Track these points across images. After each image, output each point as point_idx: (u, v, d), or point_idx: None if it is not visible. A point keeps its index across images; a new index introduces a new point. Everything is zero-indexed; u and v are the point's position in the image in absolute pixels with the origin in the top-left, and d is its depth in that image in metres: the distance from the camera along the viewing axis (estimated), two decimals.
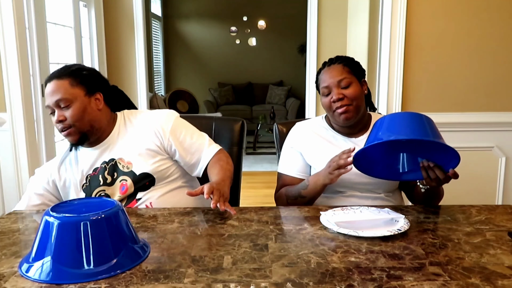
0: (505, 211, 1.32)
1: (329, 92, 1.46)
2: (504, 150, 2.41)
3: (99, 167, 1.44)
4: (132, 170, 1.42)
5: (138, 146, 1.44)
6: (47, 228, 0.93)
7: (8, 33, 2.41)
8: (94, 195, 1.42)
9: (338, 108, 1.44)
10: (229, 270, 0.93)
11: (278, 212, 1.32)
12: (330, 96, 1.46)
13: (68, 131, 1.38)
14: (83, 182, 1.45)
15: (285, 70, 8.16)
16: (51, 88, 1.36)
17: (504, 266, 0.95)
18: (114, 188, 1.43)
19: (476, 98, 2.37)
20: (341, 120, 1.46)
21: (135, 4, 4.21)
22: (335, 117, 1.48)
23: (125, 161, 1.43)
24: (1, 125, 2.50)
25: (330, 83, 1.45)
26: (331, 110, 1.47)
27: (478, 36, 2.33)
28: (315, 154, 1.52)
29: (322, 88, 1.48)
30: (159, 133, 1.45)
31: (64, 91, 1.35)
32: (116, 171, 1.43)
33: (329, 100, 1.46)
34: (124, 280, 0.90)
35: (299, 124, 1.62)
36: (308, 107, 4.21)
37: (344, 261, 0.98)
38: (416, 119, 1.23)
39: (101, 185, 1.43)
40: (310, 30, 4.09)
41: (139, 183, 1.42)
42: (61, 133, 1.40)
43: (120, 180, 1.43)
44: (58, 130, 1.40)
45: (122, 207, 1.01)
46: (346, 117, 1.45)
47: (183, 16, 8.16)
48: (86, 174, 1.45)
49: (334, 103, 1.44)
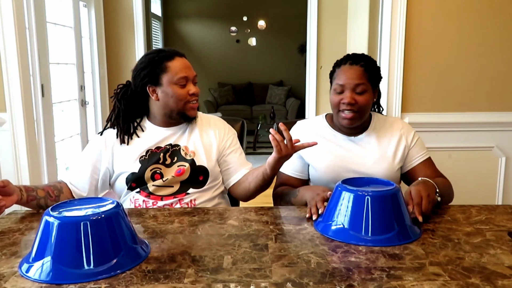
0: (505, 211, 1.32)
1: (342, 91, 1.45)
2: (504, 150, 2.41)
3: (163, 147, 1.50)
4: (194, 159, 1.49)
5: (205, 141, 1.53)
6: (47, 228, 0.93)
7: (8, 33, 2.41)
8: (150, 170, 1.47)
9: (345, 111, 1.44)
10: (229, 270, 0.93)
11: (278, 212, 1.32)
12: (341, 96, 1.44)
13: (197, 103, 1.51)
14: (142, 154, 1.48)
15: (285, 70, 8.16)
16: (186, 63, 1.48)
17: (504, 266, 0.95)
18: (171, 170, 1.48)
19: (476, 98, 2.37)
20: (343, 123, 1.47)
21: (135, 4, 4.21)
22: (338, 117, 1.47)
23: (189, 150, 1.51)
24: (1, 125, 2.50)
25: (347, 84, 1.43)
26: (337, 108, 1.47)
27: (478, 36, 2.33)
28: (315, 153, 1.52)
29: (336, 84, 1.46)
30: (223, 137, 1.57)
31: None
32: (177, 156, 1.49)
33: (339, 100, 1.45)
34: (124, 280, 0.90)
35: (300, 123, 1.62)
36: (308, 107, 4.21)
37: (344, 261, 0.98)
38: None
39: (160, 163, 1.48)
40: (310, 30, 4.09)
41: (195, 174, 1.49)
42: (190, 104, 1.48)
43: (179, 165, 1.48)
44: (186, 101, 1.46)
45: (122, 207, 1.01)
46: (349, 123, 1.45)
47: (183, 16, 8.16)
48: (148, 148, 1.49)
49: (343, 104, 1.44)
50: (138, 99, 1.52)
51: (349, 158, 1.50)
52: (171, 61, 1.45)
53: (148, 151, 1.49)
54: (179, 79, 1.44)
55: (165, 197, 1.47)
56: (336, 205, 1.15)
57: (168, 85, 1.44)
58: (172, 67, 1.44)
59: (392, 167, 1.50)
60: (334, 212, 1.15)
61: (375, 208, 1.09)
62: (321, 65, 4.13)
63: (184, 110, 1.48)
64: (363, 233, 1.08)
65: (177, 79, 1.44)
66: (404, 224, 1.11)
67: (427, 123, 2.34)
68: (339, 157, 1.50)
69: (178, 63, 1.45)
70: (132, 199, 1.49)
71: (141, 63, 1.48)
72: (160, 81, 1.45)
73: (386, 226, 1.09)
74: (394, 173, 1.51)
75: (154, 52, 1.49)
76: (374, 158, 1.49)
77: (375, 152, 1.50)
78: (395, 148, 1.52)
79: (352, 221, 1.10)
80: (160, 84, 1.45)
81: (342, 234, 1.10)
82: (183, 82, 1.45)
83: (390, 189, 1.13)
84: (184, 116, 1.49)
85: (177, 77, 1.44)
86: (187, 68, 1.47)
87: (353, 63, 1.45)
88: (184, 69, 1.46)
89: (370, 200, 1.09)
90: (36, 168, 2.66)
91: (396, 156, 1.51)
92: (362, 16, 3.69)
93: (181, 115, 1.49)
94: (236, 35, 8.25)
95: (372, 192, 1.11)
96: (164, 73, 1.44)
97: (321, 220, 1.19)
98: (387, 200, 1.11)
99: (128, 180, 1.47)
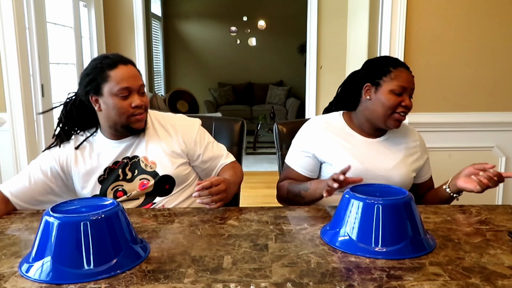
0: (505, 211, 1.32)
1: (401, 93, 1.41)
2: (504, 150, 2.41)
3: (120, 161, 1.42)
4: (156, 170, 1.42)
5: (164, 147, 1.45)
6: (47, 228, 0.93)
7: (8, 33, 2.41)
8: (111, 189, 1.40)
9: (401, 113, 1.41)
10: (229, 270, 0.93)
11: (278, 212, 1.32)
12: (401, 98, 1.41)
13: (143, 115, 1.39)
14: (100, 173, 1.41)
15: (285, 70, 8.16)
16: (131, 71, 1.36)
17: (504, 266, 0.95)
18: (133, 185, 1.42)
19: (476, 98, 2.37)
20: (393, 125, 1.44)
21: (135, 4, 4.21)
22: (389, 119, 1.43)
23: (149, 160, 1.43)
24: (1, 125, 2.50)
25: (408, 87, 1.42)
26: (392, 109, 1.41)
27: (478, 36, 2.33)
28: (331, 153, 1.48)
29: (397, 85, 1.40)
30: (185, 137, 1.48)
31: (141, 79, 1.39)
32: (137, 169, 1.42)
33: (399, 101, 1.41)
34: (124, 280, 0.90)
35: (316, 121, 1.57)
36: (308, 107, 4.21)
37: (344, 261, 0.98)
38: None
39: (120, 179, 1.41)
40: (310, 30, 4.09)
41: (160, 185, 1.43)
42: (135, 117, 1.36)
43: (141, 179, 1.42)
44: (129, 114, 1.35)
45: (122, 207, 1.01)
46: (398, 125, 1.44)
47: (183, 16, 8.16)
48: (106, 167, 1.41)
49: (401, 107, 1.41)
50: (87, 110, 1.41)
51: (369, 160, 1.46)
52: (113, 70, 1.32)
53: (106, 169, 1.41)
54: (120, 90, 1.32)
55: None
56: (344, 214, 1.08)
57: (109, 96, 1.33)
58: (113, 76, 1.32)
59: (409, 174, 1.50)
60: (341, 222, 1.08)
61: (386, 217, 1.02)
62: (321, 65, 4.12)
63: (128, 123, 1.37)
64: (373, 245, 1.01)
65: (117, 90, 1.32)
66: (418, 235, 1.04)
67: (427, 123, 2.34)
68: (359, 159, 1.46)
69: (121, 73, 1.33)
70: None
71: (85, 69, 1.38)
72: (101, 91, 1.33)
73: (398, 238, 1.01)
74: (409, 180, 1.51)
75: (99, 58, 1.38)
76: (393, 162, 1.48)
77: (394, 156, 1.49)
78: (412, 157, 1.52)
79: (361, 232, 1.03)
80: (101, 94, 1.34)
81: (350, 246, 1.03)
82: (124, 93, 1.33)
83: (403, 198, 1.05)
84: (130, 129, 1.38)
85: (118, 88, 1.32)
86: (131, 78, 1.34)
87: (406, 67, 1.44)
88: (127, 79, 1.33)
89: (381, 209, 1.02)
90: None
91: (413, 165, 1.51)
92: (362, 16, 3.69)
93: (126, 128, 1.38)
94: (236, 35, 8.24)
95: (383, 201, 1.03)
96: (105, 83, 1.33)
97: (328, 229, 1.12)
98: (399, 209, 1.03)
99: None
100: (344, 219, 1.07)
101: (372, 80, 1.45)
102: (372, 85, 1.45)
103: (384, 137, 1.52)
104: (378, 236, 1.01)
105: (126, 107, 1.34)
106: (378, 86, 1.44)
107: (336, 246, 1.05)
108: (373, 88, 1.45)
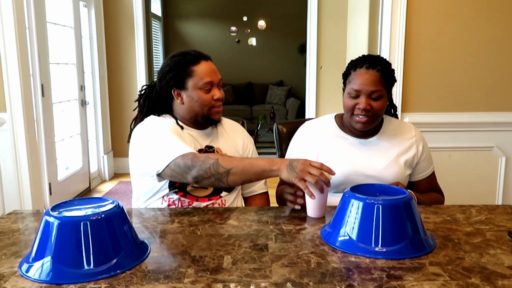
0: (505, 211, 1.32)
1: (357, 95, 1.41)
2: (504, 150, 2.41)
3: (203, 148, 1.50)
4: None
5: (232, 143, 1.56)
6: (47, 228, 0.93)
7: (8, 33, 2.41)
8: None
9: (359, 115, 1.42)
10: (229, 270, 0.93)
11: (278, 212, 1.32)
12: (356, 101, 1.41)
13: (221, 108, 1.49)
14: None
15: (285, 70, 8.16)
16: (212, 66, 1.47)
17: (504, 266, 0.95)
18: None
19: (476, 98, 2.37)
20: (356, 127, 1.45)
21: (135, 4, 4.21)
22: (352, 121, 1.45)
23: (222, 152, 1.52)
24: (1, 125, 2.50)
25: (363, 89, 1.40)
26: (350, 112, 1.44)
27: (478, 36, 2.33)
28: (322, 155, 1.50)
29: (351, 89, 1.42)
30: (245, 143, 1.61)
31: (219, 74, 1.49)
32: None
33: (354, 104, 1.42)
34: (124, 280, 0.90)
35: (308, 124, 1.59)
36: (308, 107, 4.21)
37: (344, 261, 0.98)
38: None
39: None
40: (310, 30, 4.09)
41: None
42: (215, 109, 1.47)
43: None
44: (211, 106, 1.45)
45: (122, 207, 1.01)
46: (363, 126, 1.44)
47: (183, 16, 8.16)
48: (196, 149, 1.49)
49: (358, 110, 1.41)
50: (163, 101, 1.51)
51: (359, 161, 1.47)
52: (197, 65, 1.44)
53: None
54: (204, 84, 1.43)
55: (200, 198, 1.46)
56: (344, 214, 1.08)
57: (193, 89, 1.44)
58: (197, 71, 1.43)
59: (402, 172, 1.49)
60: (341, 222, 1.08)
61: (386, 217, 1.01)
62: (321, 65, 4.13)
63: (209, 114, 1.47)
64: (373, 245, 1.01)
65: (202, 84, 1.43)
66: (418, 235, 1.04)
67: (427, 123, 2.34)
68: (350, 160, 1.47)
69: (204, 67, 1.44)
70: (166, 197, 1.45)
71: (167, 65, 1.47)
72: (186, 85, 1.44)
73: (398, 238, 1.01)
74: (403, 178, 1.50)
75: (180, 54, 1.47)
76: (385, 162, 1.47)
77: (386, 156, 1.48)
78: (406, 155, 1.51)
79: (361, 232, 1.03)
80: (185, 88, 1.45)
81: (350, 246, 1.03)
82: (208, 87, 1.44)
83: (403, 197, 1.05)
84: (209, 120, 1.49)
85: (202, 82, 1.43)
86: (213, 72, 1.45)
87: (370, 67, 1.41)
88: (210, 74, 1.44)
89: (381, 209, 1.02)
90: (36, 168, 2.66)
91: (406, 163, 1.50)
92: (362, 16, 3.68)
93: (206, 119, 1.48)
94: (236, 35, 8.24)
95: (383, 201, 1.03)
96: (189, 77, 1.43)
97: (328, 229, 1.12)
98: (399, 209, 1.03)
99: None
100: (344, 219, 1.07)
101: (344, 83, 1.50)
102: (343, 89, 1.49)
103: (377, 137, 1.51)
104: (378, 236, 1.01)
105: (209, 100, 1.45)
106: (344, 89, 1.49)
107: (336, 246, 1.05)
108: (343, 91, 1.49)
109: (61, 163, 3.54)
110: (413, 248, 1.01)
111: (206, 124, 1.51)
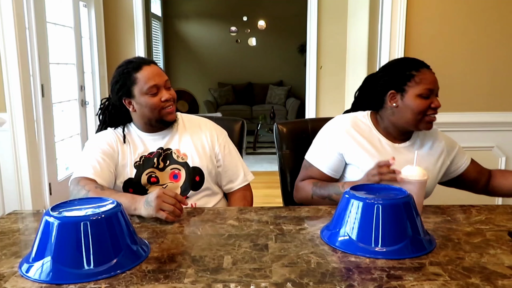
0: (505, 211, 1.32)
1: (429, 95, 1.39)
2: (504, 150, 2.41)
3: (155, 151, 1.52)
4: (186, 161, 1.52)
5: (195, 142, 1.55)
6: (47, 228, 0.93)
7: (8, 33, 2.41)
8: (145, 174, 1.48)
9: (432, 115, 1.40)
10: (229, 270, 0.93)
11: (278, 212, 1.32)
12: (429, 100, 1.39)
13: (173, 107, 1.50)
14: (136, 160, 1.50)
15: (285, 70, 8.16)
16: (155, 70, 1.47)
17: (504, 266, 0.95)
18: (164, 174, 1.50)
19: (476, 98, 2.37)
20: (426, 127, 1.42)
21: (135, 4, 4.21)
22: (421, 123, 1.41)
23: (181, 152, 1.53)
24: (1, 125, 2.50)
25: (435, 88, 1.40)
26: (423, 113, 1.39)
27: (478, 36, 2.33)
28: (359, 156, 1.44)
29: (425, 89, 1.38)
30: (214, 139, 1.58)
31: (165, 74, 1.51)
32: (169, 159, 1.51)
33: (428, 104, 1.39)
34: (124, 280, 0.90)
35: (343, 120, 1.51)
36: (308, 107, 4.21)
37: (344, 261, 0.98)
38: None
39: (154, 167, 1.50)
40: (310, 30, 4.09)
41: (191, 176, 1.50)
42: (165, 110, 1.47)
43: (171, 169, 1.51)
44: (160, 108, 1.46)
45: (122, 207, 1.01)
46: (430, 127, 1.42)
47: (183, 16, 8.16)
48: (141, 154, 1.51)
49: (432, 109, 1.39)
50: (119, 112, 1.54)
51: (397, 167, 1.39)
52: (139, 72, 1.45)
53: (142, 157, 1.50)
54: (149, 89, 1.44)
55: None
56: (344, 214, 1.08)
57: (140, 95, 1.45)
58: (140, 77, 1.44)
59: (433, 181, 1.48)
60: (341, 222, 1.08)
61: (386, 217, 1.01)
62: (321, 65, 4.13)
63: (161, 116, 1.48)
64: (373, 245, 1.01)
65: (147, 89, 1.44)
66: (418, 235, 1.04)
67: None
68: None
69: (146, 72, 1.45)
70: None
71: (113, 77, 1.50)
72: (132, 93, 1.46)
73: (398, 238, 1.01)
74: (432, 186, 1.49)
75: (124, 64, 1.49)
76: None
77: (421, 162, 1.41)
78: (437, 162, 1.50)
79: (361, 232, 1.03)
80: (133, 96, 1.46)
81: (350, 246, 1.03)
82: (154, 91, 1.45)
83: (402, 197, 1.05)
84: (163, 122, 1.50)
85: (147, 87, 1.44)
86: (156, 76, 1.46)
87: (426, 66, 1.43)
88: (153, 77, 1.45)
89: (381, 209, 1.02)
90: (36, 168, 2.66)
91: (442, 167, 1.50)
92: (362, 16, 3.68)
93: (159, 121, 1.49)
94: (236, 35, 8.24)
95: (383, 201, 1.03)
96: (134, 85, 1.45)
97: (328, 229, 1.12)
98: (399, 209, 1.03)
99: (126, 186, 1.47)
100: (344, 219, 1.07)
101: (396, 87, 1.42)
102: (397, 92, 1.42)
103: (409, 142, 1.49)
104: (378, 236, 1.01)
105: (157, 103, 1.46)
106: (403, 92, 1.41)
107: (336, 246, 1.05)
108: (398, 95, 1.42)
109: (61, 163, 3.54)
110: (413, 248, 1.01)
111: (164, 126, 1.53)
